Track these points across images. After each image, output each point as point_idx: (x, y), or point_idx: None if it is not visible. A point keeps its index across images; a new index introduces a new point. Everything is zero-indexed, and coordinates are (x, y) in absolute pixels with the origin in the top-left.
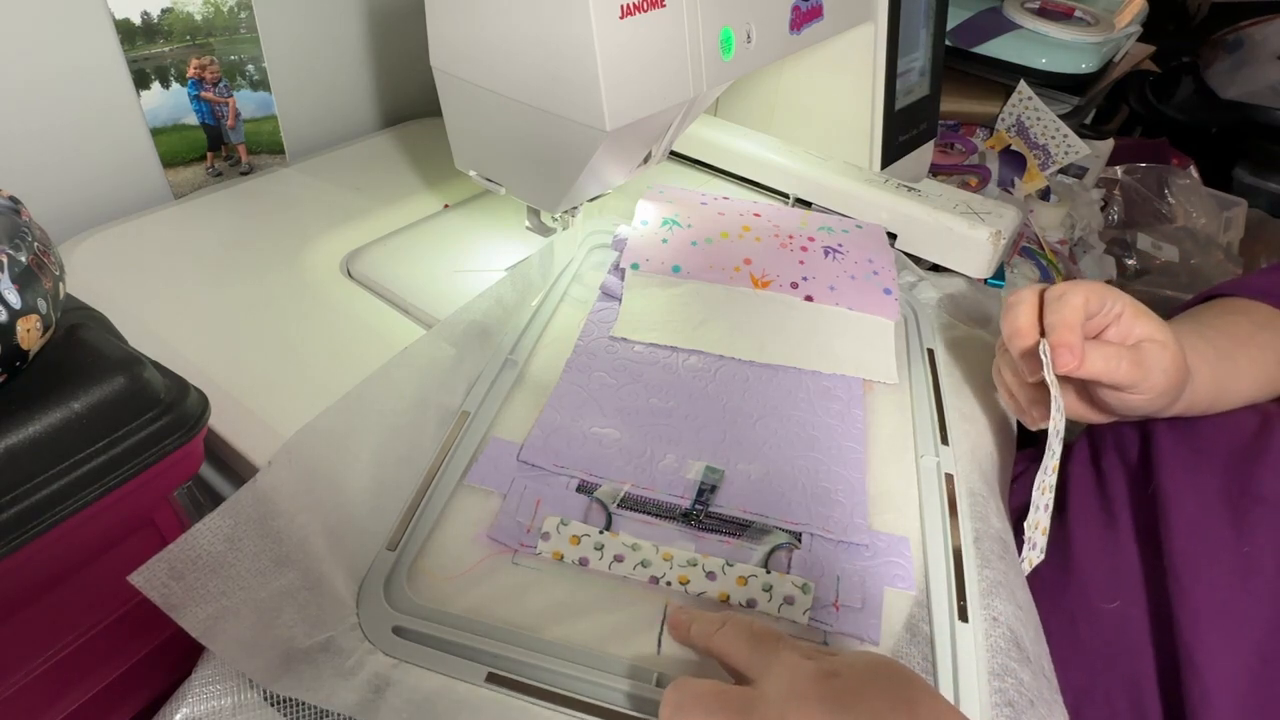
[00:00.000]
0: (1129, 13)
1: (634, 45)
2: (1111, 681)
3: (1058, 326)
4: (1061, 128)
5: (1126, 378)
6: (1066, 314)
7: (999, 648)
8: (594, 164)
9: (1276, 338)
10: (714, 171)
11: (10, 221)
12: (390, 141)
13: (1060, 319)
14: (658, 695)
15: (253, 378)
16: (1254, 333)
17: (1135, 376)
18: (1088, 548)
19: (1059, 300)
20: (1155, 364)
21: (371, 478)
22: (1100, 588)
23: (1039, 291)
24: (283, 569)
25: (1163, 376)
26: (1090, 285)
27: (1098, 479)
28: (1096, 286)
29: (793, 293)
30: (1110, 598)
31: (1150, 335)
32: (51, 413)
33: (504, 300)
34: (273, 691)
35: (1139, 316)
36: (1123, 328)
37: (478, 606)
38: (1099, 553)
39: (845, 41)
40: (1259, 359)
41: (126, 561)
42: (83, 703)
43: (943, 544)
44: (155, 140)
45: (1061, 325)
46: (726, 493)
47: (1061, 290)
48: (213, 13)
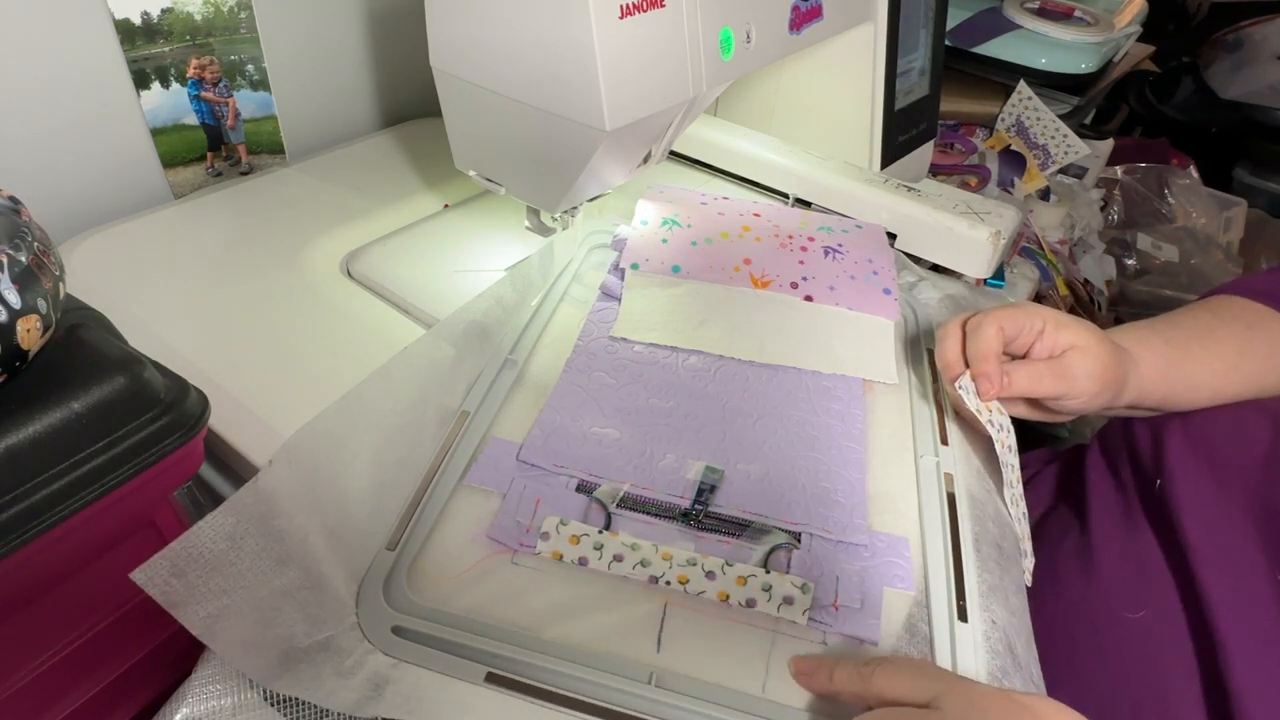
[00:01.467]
0: (1129, 13)
1: (634, 45)
2: (1141, 693)
3: (975, 358)
4: (1061, 128)
5: (1051, 390)
6: (982, 345)
7: (996, 650)
8: (594, 164)
9: (1245, 331)
10: (714, 171)
11: (10, 221)
12: (390, 141)
13: (977, 350)
14: (656, 695)
15: (253, 378)
16: (1215, 326)
17: (1060, 388)
18: (1109, 555)
19: (975, 333)
20: (1080, 371)
21: (371, 477)
22: (1124, 596)
23: (962, 323)
24: (283, 568)
25: (1090, 381)
26: (1005, 310)
27: (1116, 484)
28: (1012, 310)
29: (792, 293)
30: (1135, 607)
31: (1073, 343)
32: (51, 413)
33: (504, 300)
34: (272, 691)
35: (1061, 327)
36: (1047, 341)
37: (477, 606)
38: (1121, 560)
39: (845, 41)
40: (1217, 350)
41: (126, 561)
42: (83, 703)
43: (942, 544)
44: (155, 140)
45: (978, 356)
46: (726, 493)
47: (977, 321)
48: (213, 13)
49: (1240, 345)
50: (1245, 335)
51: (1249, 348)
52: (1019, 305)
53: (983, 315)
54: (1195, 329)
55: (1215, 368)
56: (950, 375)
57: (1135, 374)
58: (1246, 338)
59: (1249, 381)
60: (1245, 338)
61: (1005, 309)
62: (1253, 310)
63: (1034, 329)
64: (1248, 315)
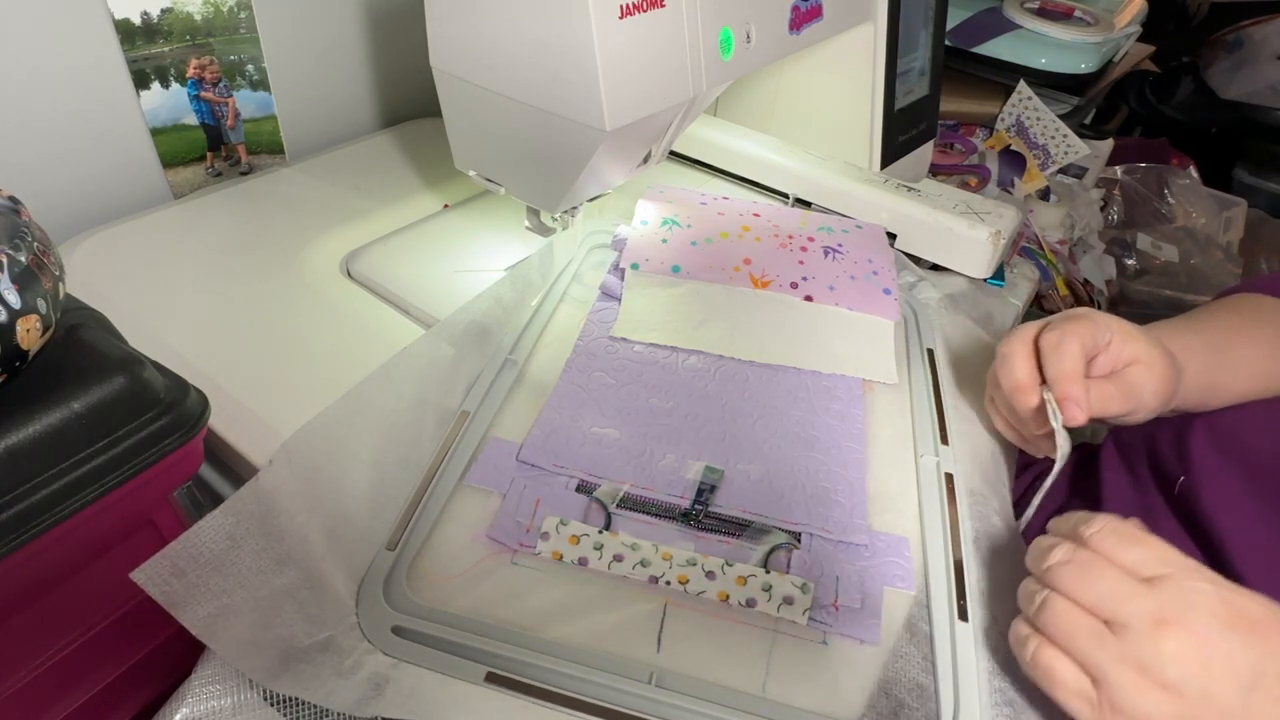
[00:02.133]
0: (1129, 13)
1: (634, 45)
2: None
3: (1060, 380)
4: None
5: (1119, 410)
6: (1068, 365)
7: (999, 648)
8: (594, 164)
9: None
10: (714, 171)
11: (10, 221)
12: (390, 141)
13: (1062, 371)
14: (657, 695)
15: (253, 378)
16: (1245, 326)
17: (1128, 407)
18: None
19: (1057, 350)
20: (1144, 387)
21: (371, 477)
22: None
23: (1032, 339)
24: (283, 568)
25: (1153, 397)
26: (1081, 326)
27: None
28: (1086, 325)
29: (792, 293)
30: None
31: (1136, 357)
32: (51, 413)
33: (503, 300)
34: (272, 690)
35: (1126, 341)
36: (1112, 354)
37: (477, 606)
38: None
39: (845, 41)
40: (1251, 352)
41: (126, 561)
42: (83, 703)
43: (942, 544)
44: (155, 140)
45: (1065, 378)
46: (726, 493)
47: (1058, 339)
48: (212, 13)
49: (1272, 345)
50: (1274, 333)
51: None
52: (1087, 316)
53: (1060, 330)
54: (1229, 330)
55: (1251, 370)
56: (1024, 400)
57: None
58: (1276, 336)
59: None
60: (1275, 336)
61: (1077, 322)
62: (1273, 307)
63: (1103, 341)
64: (1272, 313)
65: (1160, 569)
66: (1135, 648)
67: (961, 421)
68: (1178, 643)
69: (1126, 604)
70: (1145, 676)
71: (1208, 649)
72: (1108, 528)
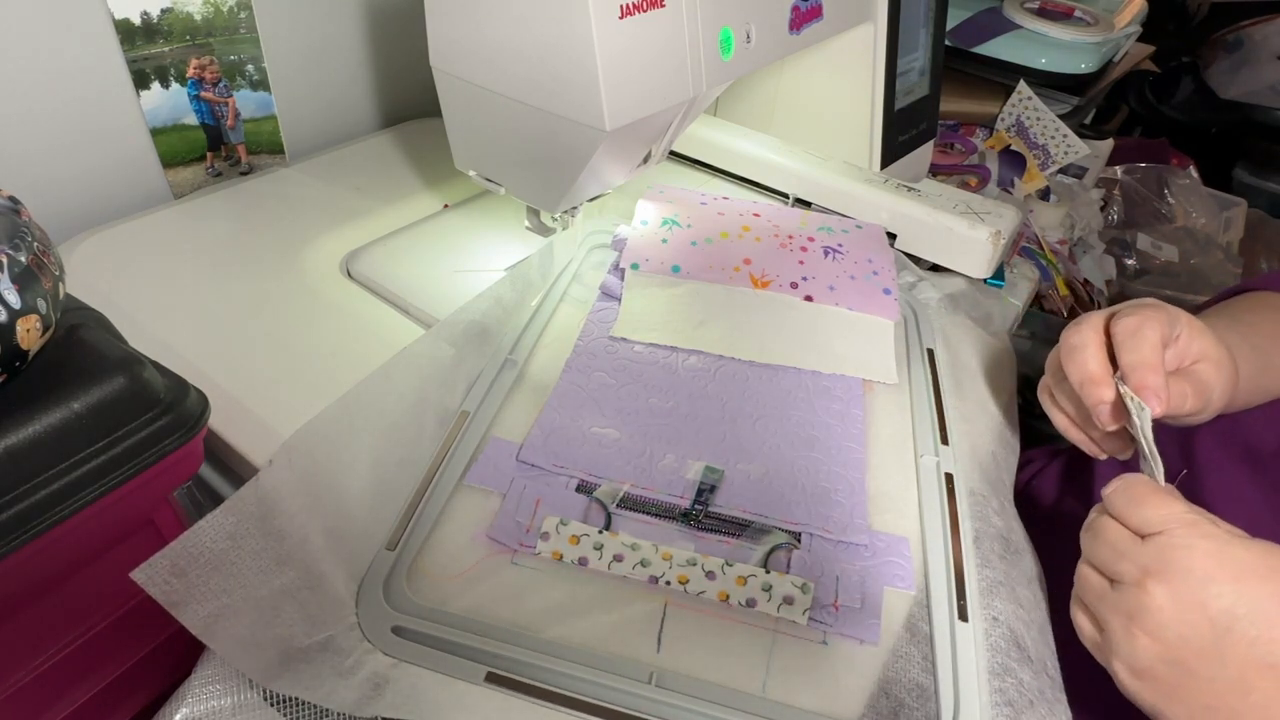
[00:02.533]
0: (1129, 13)
1: (634, 45)
2: None
3: (1139, 368)
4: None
5: (1191, 408)
6: (1147, 353)
7: (999, 647)
8: (594, 164)
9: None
10: (714, 171)
11: (10, 221)
12: (390, 141)
13: (1142, 359)
14: (657, 695)
15: (253, 378)
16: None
17: (1198, 406)
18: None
19: (1135, 337)
20: (1214, 385)
21: (371, 477)
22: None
23: (1102, 327)
24: (283, 567)
25: (1220, 397)
26: (1158, 315)
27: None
28: (1162, 314)
29: (792, 293)
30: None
31: (1205, 354)
32: (51, 413)
33: (503, 300)
34: (272, 690)
35: (1195, 336)
36: (1180, 348)
37: (477, 606)
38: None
39: (845, 41)
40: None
41: (126, 561)
42: (83, 703)
43: (942, 544)
44: (155, 140)
45: (1144, 366)
46: (726, 493)
47: (1136, 325)
48: (212, 13)
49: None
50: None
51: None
52: (1160, 306)
53: (1137, 317)
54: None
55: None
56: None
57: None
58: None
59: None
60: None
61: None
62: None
63: (1174, 335)
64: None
65: (1156, 525)
66: (1125, 600)
67: (961, 421)
68: (1157, 594)
69: (1119, 562)
70: (1133, 624)
71: (1184, 598)
72: (1118, 489)
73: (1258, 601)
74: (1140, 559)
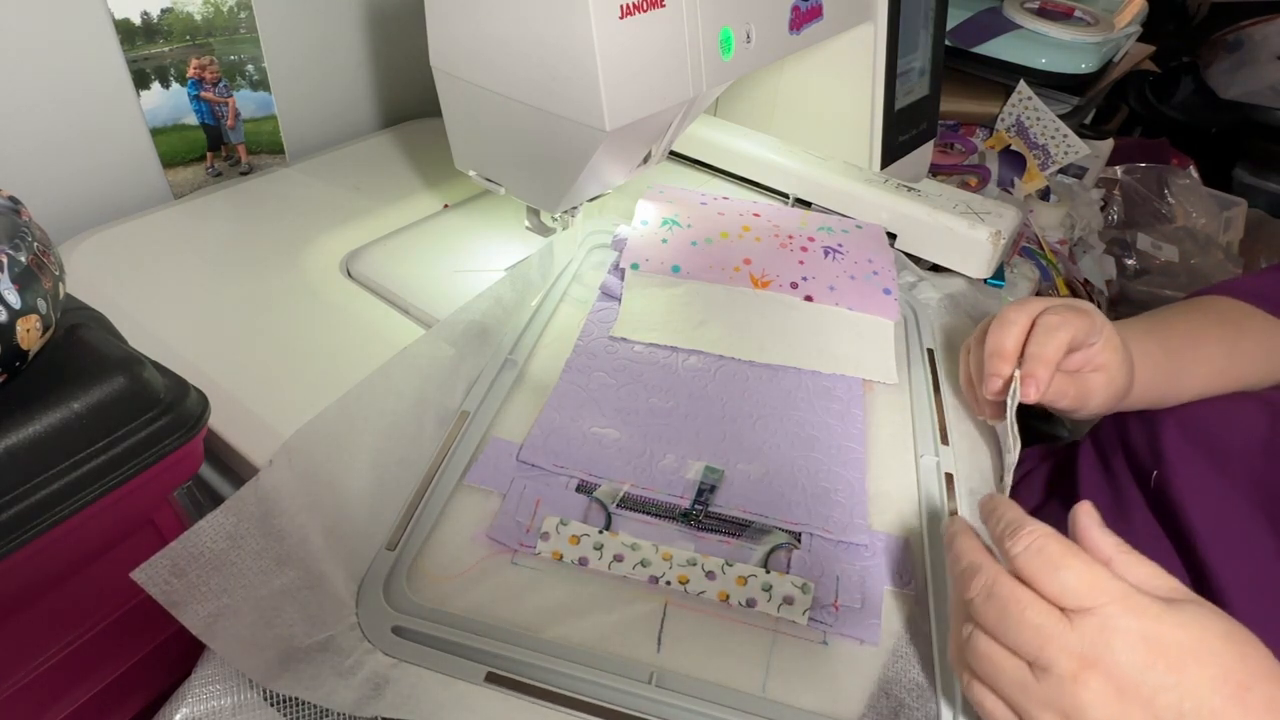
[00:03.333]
0: (1129, 13)
1: (634, 45)
2: None
3: (1036, 359)
4: (1061, 128)
5: (1067, 406)
6: (1050, 350)
7: None
8: (594, 164)
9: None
10: (714, 171)
11: (10, 221)
12: (390, 141)
13: (1043, 352)
14: (657, 695)
15: (253, 378)
16: (1206, 327)
17: (1074, 406)
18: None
19: (1048, 333)
20: (1096, 394)
21: (371, 477)
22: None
23: (1034, 314)
24: (283, 568)
25: (1099, 406)
26: (1080, 320)
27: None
28: (1084, 320)
29: (792, 293)
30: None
31: (1105, 367)
32: (51, 413)
33: (503, 300)
34: (272, 690)
35: (1106, 349)
36: (1088, 355)
37: (477, 606)
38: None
39: (845, 42)
40: (1207, 354)
41: (126, 561)
42: (83, 703)
43: (943, 543)
44: (155, 140)
45: (1041, 359)
46: (726, 493)
47: (1056, 323)
48: (212, 13)
49: (1230, 349)
50: (1234, 338)
51: (1237, 351)
52: (1089, 314)
53: (1061, 316)
54: (1188, 332)
55: (1205, 370)
56: (997, 365)
57: (1133, 387)
58: (1235, 340)
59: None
60: (1234, 340)
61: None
62: (1241, 310)
63: (1088, 341)
64: (1236, 315)
65: (1085, 599)
66: (1058, 694)
67: (961, 421)
68: (1097, 689)
69: (1047, 647)
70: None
71: (1127, 694)
72: (1033, 548)
73: (1201, 696)
74: (1073, 646)
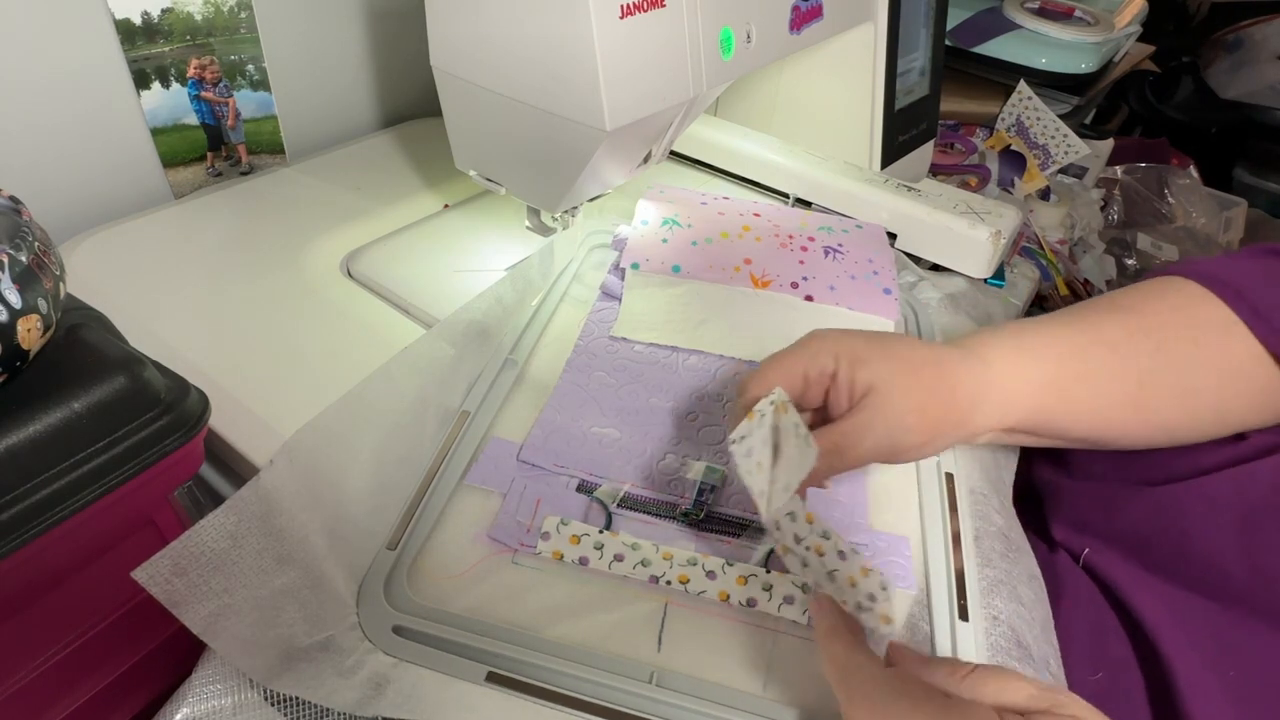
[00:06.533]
0: (1129, 13)
1: (634, 45)
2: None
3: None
4: (1061, 127)
5: (825, 472)
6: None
7: (1000, 646)
8: (594, 164)
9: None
10: (714, 171)
11: (11, 221)
12: (390, 141)
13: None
14: (657, 694)
15: (253, 378)
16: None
17: (840, 465)
18: (1060, 621)
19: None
20: (875, 431)
21: (372, 477)
22: (1081, 659)
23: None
24: (284, 567)
25: (888, 438)
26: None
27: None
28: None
29: (793, 292)
30: (1094, 669)
31: (872, 384)
32: (52, 412)
33: (504, 300)
34: (273, 690)
35: (858, 365)
36: (843, 387)
37: (478, 606)
38: (1070, 624)
39: (845, 41)
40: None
41: (127, 561)
42: (83, 703)
43: (943, 543)
44: (155, 140)
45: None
46: (726, 493)
47: (745, 382)
48: (213, 13)
49: (1143, 376)
50: (1151, 359)
51: (1151, 379)
52: (803, 346)
53: (755, 372)
54: (1099, 340)
55: (1108, 400)
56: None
57: (997, 395)
58: (1153, 362)
59: (1144, 420)
60: (1151, 362)
61: (785, 356)
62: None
63: (823, 372)
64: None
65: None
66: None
67: None
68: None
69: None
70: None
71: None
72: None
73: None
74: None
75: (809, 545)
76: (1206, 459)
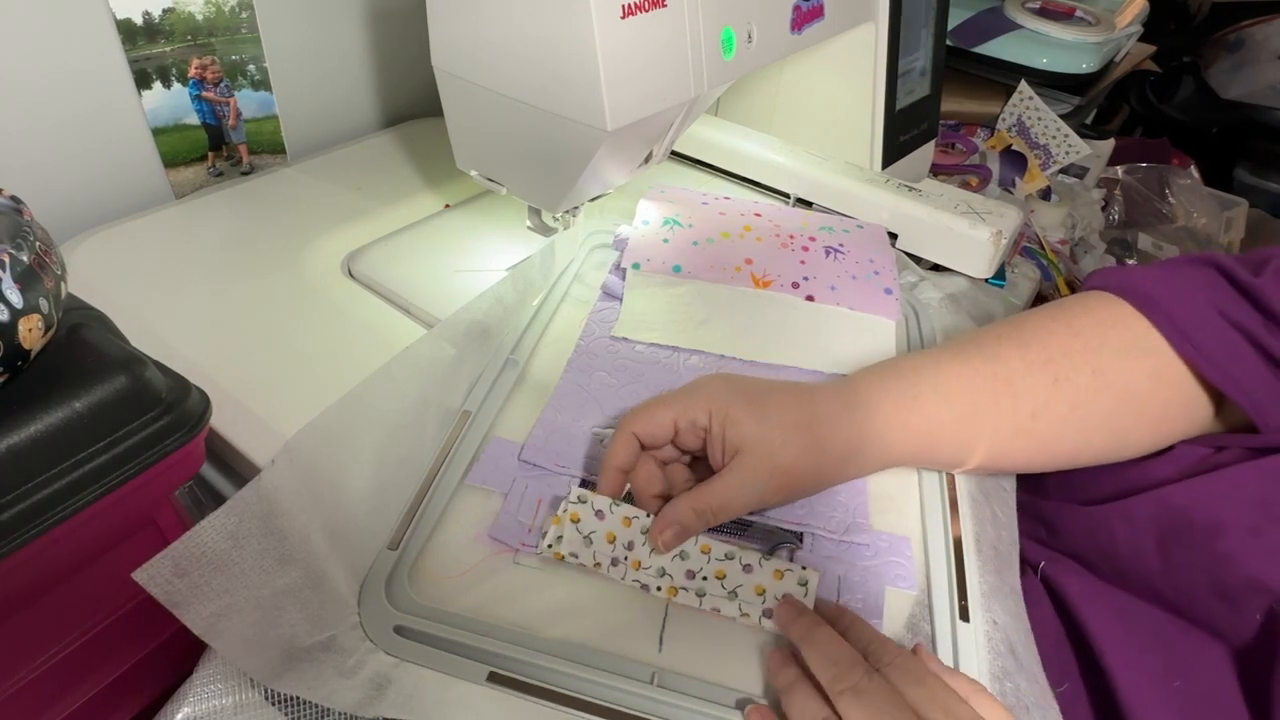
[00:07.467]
0: (1129, 13)
1: (635, 45)
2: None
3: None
4: (1062, 127)
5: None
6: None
7: (999, 651)
8: (595, 164)
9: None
10: (715, 171)
11: (12, 221)
12: (391, 141)
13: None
14: (658, 694)
15: (254, 377)
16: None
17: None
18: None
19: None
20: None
21: (373, 477)
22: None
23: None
24: (285, 567)
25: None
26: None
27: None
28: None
29: (794, 293)
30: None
31: (740, 445)
32: (53, 412)
33: (505, 300)
34: (274, 690)
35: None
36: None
37: (479, 606)
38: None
39: (846, 41)
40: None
41: (127, 561)
42: (83, 703)
43: (944, 544)
44: (156, 140)
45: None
46: None
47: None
48: (214, 13)
49: (1038, 409)
50: (1048, 392)
51: (1046, 411)
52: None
53: (636, 409)
54: (995, 375)
55: (999, 435)
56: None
57: (874, 448)
58: (1049, 394)
59: (1042, 449)
60: (1048, 395)
61: (667, 401)
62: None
63: (695, 425)
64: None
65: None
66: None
67: None
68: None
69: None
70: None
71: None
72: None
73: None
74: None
75: (706, 575)
76: (1134, 478)
